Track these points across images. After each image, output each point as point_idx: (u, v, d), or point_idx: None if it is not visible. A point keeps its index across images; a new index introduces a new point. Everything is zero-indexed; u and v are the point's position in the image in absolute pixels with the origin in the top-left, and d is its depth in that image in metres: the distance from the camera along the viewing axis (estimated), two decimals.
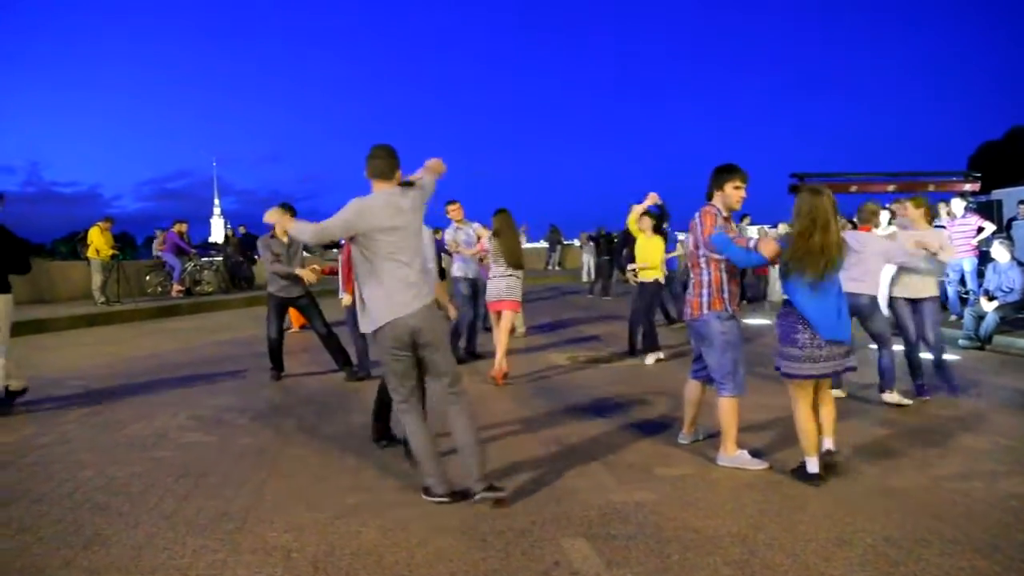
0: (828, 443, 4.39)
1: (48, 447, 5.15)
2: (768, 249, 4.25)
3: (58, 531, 3.63)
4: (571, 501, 3.96)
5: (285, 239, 7.46)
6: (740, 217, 15.46)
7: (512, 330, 8.02)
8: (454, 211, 8.87)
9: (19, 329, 11.61)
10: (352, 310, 7.10)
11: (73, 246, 16.40)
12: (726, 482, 4.24)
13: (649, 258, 8.39)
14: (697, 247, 4.51)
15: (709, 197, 4.60)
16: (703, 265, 4.50)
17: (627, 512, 3.79)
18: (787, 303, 4.32)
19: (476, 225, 8.72)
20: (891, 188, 12.06)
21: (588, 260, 21.83)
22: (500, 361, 7.15)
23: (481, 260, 8.26)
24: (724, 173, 4.54)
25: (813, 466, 4.18)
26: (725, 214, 4.54)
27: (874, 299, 6.00)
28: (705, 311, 4.49)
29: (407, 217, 3.96)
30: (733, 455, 4.49)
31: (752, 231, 15.91)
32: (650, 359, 8.34)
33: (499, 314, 7.37)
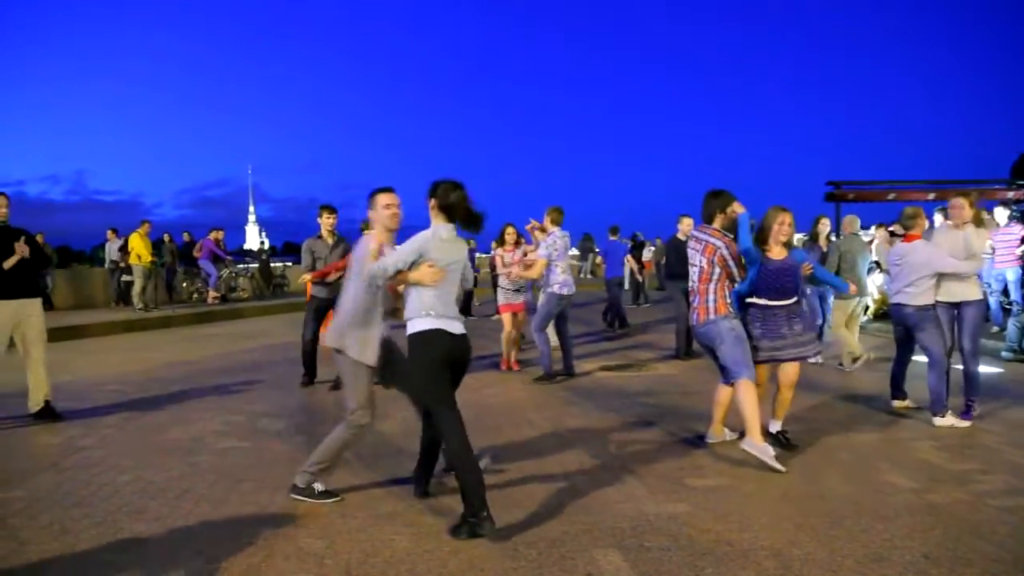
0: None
1: (89, 450, 5.26)
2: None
3: (98, 533, 3.71)
4: (603, 511, 3.94)
5: (331, 241, 7.59)
6: None
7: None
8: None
9: (59, 334, 11.92)
10: None
11: None
12: (760, 494, 4.19)
13: None
14: (712, 265, 4.89)
15: (710, 220, 5.01)
16: (714, 279, 4.89)
17: (660, 523, 3.77)
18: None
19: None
20: (931, 196, 11.83)
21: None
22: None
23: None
24: (722, 195, 4.98)
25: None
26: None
27: (922, 309, 5.70)
28: (712, 315, 4.88)
29: None
30: (759, 445, 4.64)
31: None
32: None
33: (515, 315, 8.69)
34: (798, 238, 15.38)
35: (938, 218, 11.85)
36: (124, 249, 15.58)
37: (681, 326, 9.26)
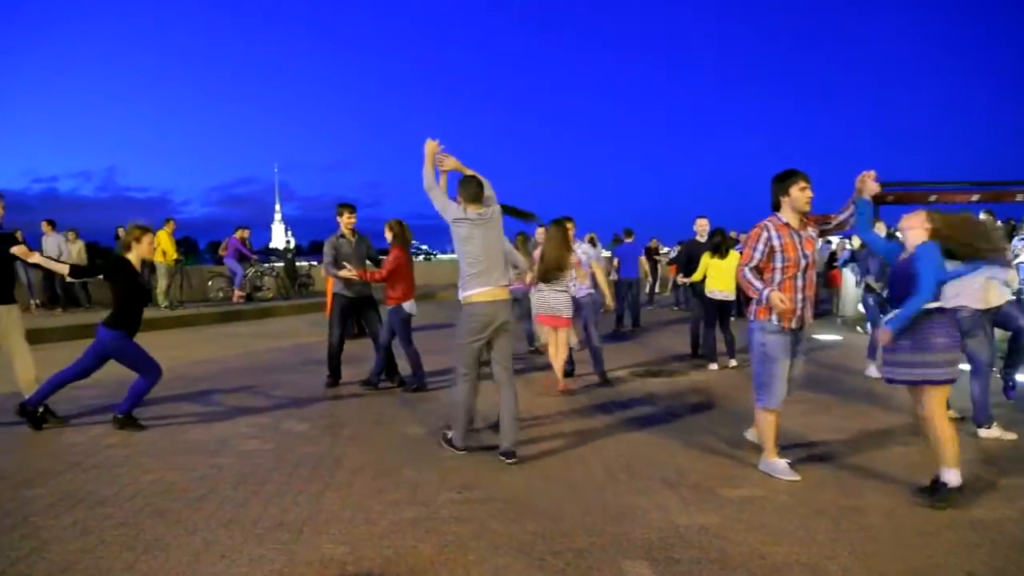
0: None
1: (113, 449, 5.33)
2: (776, 307, 4.46)
3: (120, 535, 3.75)
4: (632, 522, 3.90)
5: (353, 239, 7.62)
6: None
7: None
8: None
9: (86, 333, 12.10)
10: (399, 318, 7.28)
11: None
12: (796, 506, 4.12)
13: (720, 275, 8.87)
14: (765, 257, 4.63)
15: (776, 207, 4.67)
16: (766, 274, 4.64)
17: (690, 535, 3.72)
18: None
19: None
20: (975, 198, 11.57)
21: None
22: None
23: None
24: (787, 178, 4.60)
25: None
26: (793, 223, 4.60)
27: (976, 314, 5.54)
28: (751, 317, 4.68)
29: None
30: (768, 460, 4.69)
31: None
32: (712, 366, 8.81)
33: (555, 329, 7.59)
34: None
35: (984, 220, 11.59)
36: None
37: (695, 329, 9.50)
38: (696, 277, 9.01)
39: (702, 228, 9.89)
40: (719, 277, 8.78)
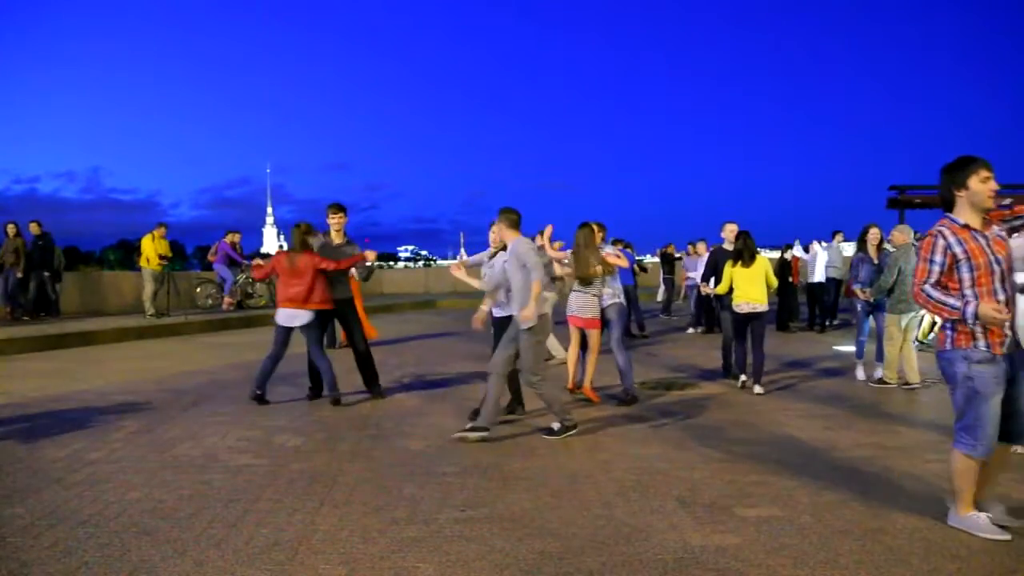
0: None
1: (96, 465, 5.33)
2: (990, 320, 3.73)
3: (103, 556, 3.74)
4: (644, 542, 3.89)
5: (339, 240, 7.68)
6: (832, 234, 14.87)
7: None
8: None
9: (66, 341, 12.16)
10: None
11: (124, 255, 16.87)
12: (817, 527, 4.10)
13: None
14: (953, 270, 3.96)
15: (949, 205, 3.99)
16: (960, 288, 3.94)
17: (706, 557, 3.70)
18: None
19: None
20: (1007, 202, 11.59)
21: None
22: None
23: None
24: (964, 167, 3.91)
25: None
26: (974, 223, 3.92)
27: None
28: (948, 346, 3.95)
29: None
30: (962, 516, 4.04)
31: (815, 247, 15.14)
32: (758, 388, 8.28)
33: (580, 330, 7.87)
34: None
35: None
36: (137, 251, 15.74)
37: (727, 343, 9.10)
38: (721, 289, 8.59)
39: (730, 234, 9.49)
40: (745, 287, 8.26)
